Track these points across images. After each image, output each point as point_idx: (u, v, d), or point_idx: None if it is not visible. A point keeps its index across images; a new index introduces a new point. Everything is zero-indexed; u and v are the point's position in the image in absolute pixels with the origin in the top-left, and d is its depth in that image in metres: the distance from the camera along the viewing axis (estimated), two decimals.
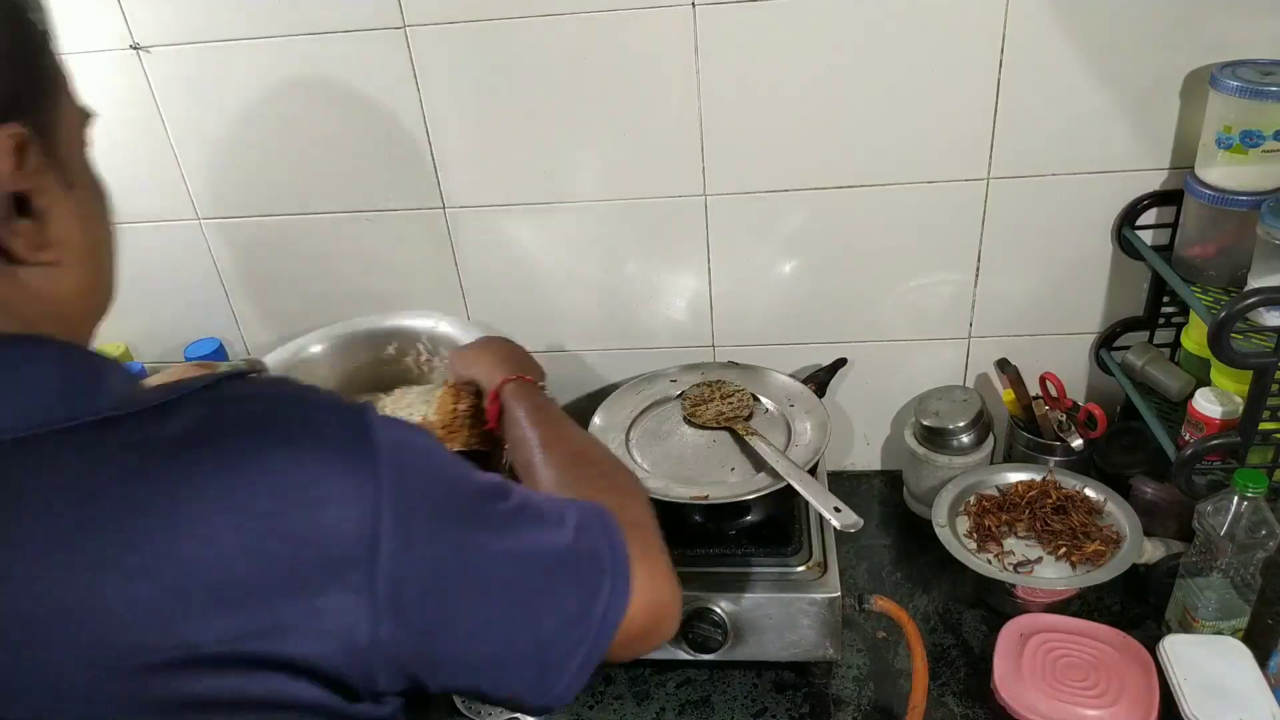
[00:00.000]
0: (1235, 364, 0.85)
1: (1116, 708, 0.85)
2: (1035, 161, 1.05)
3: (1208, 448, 0.90)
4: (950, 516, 1.07)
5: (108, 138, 0.61)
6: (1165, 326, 1.12)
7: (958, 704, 0.95)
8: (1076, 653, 0.91)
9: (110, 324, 0.56)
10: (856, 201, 1.10)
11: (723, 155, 1.09)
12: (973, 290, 1.15)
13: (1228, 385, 0.93)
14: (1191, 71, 0.97)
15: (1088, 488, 1.08)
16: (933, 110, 1.03)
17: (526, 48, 1.04)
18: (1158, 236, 1.06)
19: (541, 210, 1.15)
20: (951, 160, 1.06)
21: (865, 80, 1.02)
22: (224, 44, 1.07)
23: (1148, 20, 0.95)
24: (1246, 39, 0.95)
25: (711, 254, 1.16)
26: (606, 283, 1.20)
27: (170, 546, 0.41)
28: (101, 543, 0.40)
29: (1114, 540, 1.02)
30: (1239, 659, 0.87)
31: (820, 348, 1.22)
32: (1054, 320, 1.16)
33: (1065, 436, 1.12)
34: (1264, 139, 0.89)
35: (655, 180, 1.11)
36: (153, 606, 0.41)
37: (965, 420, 1.14)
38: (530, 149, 1.11)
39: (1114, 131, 1.02)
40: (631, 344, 1.25)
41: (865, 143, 1.06)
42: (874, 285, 1.16)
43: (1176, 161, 1.03)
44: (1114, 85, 0.99)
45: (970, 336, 1.19)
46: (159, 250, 1.22)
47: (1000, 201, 1.08)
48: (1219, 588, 0.92)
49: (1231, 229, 0.94)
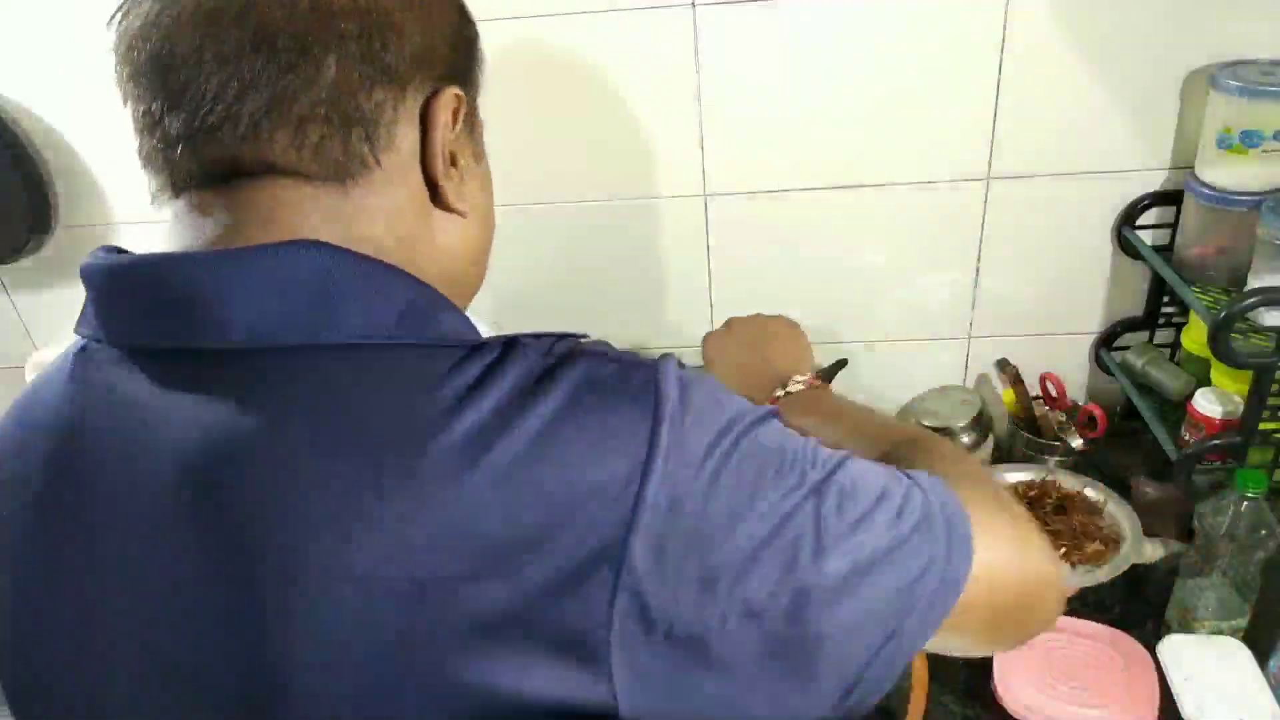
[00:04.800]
0: (1235, 364, 0.85)
1: (1116, 708, 0.85)
2: (1035, 161, 1.05)
3: (1208, 448, 0.90)
4: None
5: None
6: (1165, 326, 1.12)
7: (958, 704, 0.95)
8: (1076, 653, 0.91)
9: None
10: (857, 201, 1.10)
11: (723, 155, 1.09)
12: (973, 290, 1.15)
13: (1228, 385, 0.93)
14: (1191, 71, 0.97)
15: (1088, 488, 1.08)
16: (933, 110, 1.03)
17: (526, 48, 1.04)
18: (1158, 236, 1.06)
19: (542, 210, 1.15)
20: (951, 160, 1.06)
21: (865, 80, 1.02)
22: None
23: (1148, 20, 0.95)
24: (1246, 39, 0.95)
25: (711, 254, 1.16)
26: (605, 283, 1.20)
27: (466, 494, 0.40)
28: (414, 468, 0.40)
29: (1114, 540, 1.02)
30: (1239, 659, 0.87)
31: (820, 348, 1.21)
32: (1054, 320, 1.16)
33: (1065, 436, 1.12)
34: (1264, 139, 0.89)
35: (655, 180, 1.11)
36: (443, 552, 0.40)
37: (965, 420, 1.13)
38: (529, 149, 1.10)
39: (1114, 132, 1.02)
40: (631, 344, 1.25)
41: (865, 143, 1.06)
42: (874, 285, 1.16)
43: (1176, 161, 1.03)
44: (1114, 85, 0.99)
45: (970, 336, 1.19)
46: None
47: (1000, 201, 1.08)
48: (1219, 588, 0.91)
49: (1231, 229, 0.94)
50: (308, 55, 0.45)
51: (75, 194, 1.21)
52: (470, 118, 0.53)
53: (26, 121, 1.16)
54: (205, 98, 0.45)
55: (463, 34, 0.53)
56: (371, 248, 0.47)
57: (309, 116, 0.45)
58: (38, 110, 1.15)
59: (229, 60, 0.44)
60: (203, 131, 0.45)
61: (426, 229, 0.51)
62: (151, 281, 0.46)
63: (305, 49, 0.45)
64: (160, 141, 0.47)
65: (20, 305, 1.32)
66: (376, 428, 0.42)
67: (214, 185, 0.47)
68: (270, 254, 0.44)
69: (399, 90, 0.48)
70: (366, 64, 0.46)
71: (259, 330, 0.43)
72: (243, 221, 0.46)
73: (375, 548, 0.40)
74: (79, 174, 1.19)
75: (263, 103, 0.45)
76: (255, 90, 0.44)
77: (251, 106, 0.45)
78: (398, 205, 0.49)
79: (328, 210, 0.47)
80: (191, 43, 0.45)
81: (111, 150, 1.18)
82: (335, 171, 0.47)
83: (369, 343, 0.44)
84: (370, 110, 0.47)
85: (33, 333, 1.34)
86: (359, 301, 0.44)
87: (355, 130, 0.46)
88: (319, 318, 0.43)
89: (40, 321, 1.33)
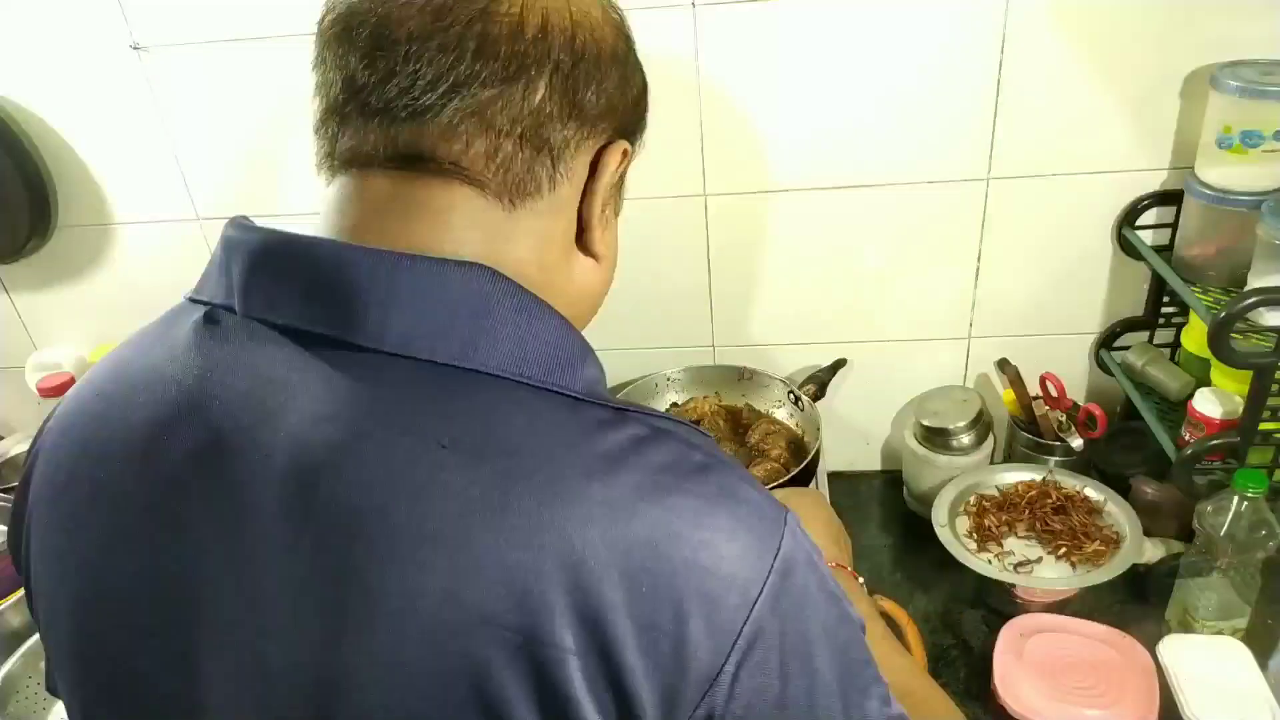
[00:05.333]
0: (1235, 364, 0.85)
1: (1116, 708, 0.85)
2: (1035, 161, 1.05)
3: (1208, 448, 0.90)
4: (950, 517, 1.07)
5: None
6: (1165, 326, 1.12)
7: (958, 704, 0.95)
8: (1076, 653, 0.91)
9: (109, 324, 0.57)
10: (856, 201, 1.10)
11: (723, 155, 1.09)
12: (973, 290, 1.15)
13: (1228, 385, 0.93)
14: (1191, 71, 0.97)
15: (1088, 488, 1.08)
16: (933, 110, 1.03)
17: None
18: (1158, 236, 1.06)
19: None
20: (951, 160, 1.06)
21: (865, 80, 1.02)
22: (224, 44, 1.07)
23: (1148, 20, 0.95)
24: (1246, 39, 0.94)
25: (711, 254, 1.16)
26: None
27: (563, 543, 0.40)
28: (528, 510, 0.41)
29: (1114, 540, 1.02)
30: (1239, 659, 0.87)
31: (820, 348, 1.22)
32: (1054, 320, 1.16)
33: (1065, 436, 1.12)
34: (1264, 139, 0.89)
35: (655, 180, 1.11)
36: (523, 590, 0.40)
37: (965, 420, 1.13)
38: None
39: (1114, 131, 1.02)
40: (631, 344, 1.25)
41: (865, 143, 1.06)
42: (874, 285, 1.16)
43: (1176, 161, 1.03)
44: (1114, 85, 0.99)
45: (970, 336, 1.19)
46: (159, 250, 1.23)
47: (1000, 201, 1.08)
48: (1219, 588, 0.91)
49: (1231, 229, 0.94)
50: (524, 74, 0.47)
51: (75, 194, 1.21)
52: (622, 178, 0.56)
53: (26, 121, 1.16)
54: (419, 81, 0.46)
55: (643, 101, 0.57)
56: (516, 271, 0.48)
57: (508, 131, 0.47)
58: (38, 110, 1.16)
59: (451, 54, 0.45)
60: (405, 111, 0.46)
61: (566, 265, 0.54)
62: (312, 264, 0.46)
63: (523, 68, 0.47)
64: (355, 109, 0.47)
65: (20, 305, 1.32)
66: (513, 463, 0.42)
67: (396, 168, 0.48)
68: (439, 271, 0.45)
69: (587, 130, 0.51)
70: (568, 98, 0.49)
71: (413, 341, 0.44)
72: (413, 217, 0.47)
73: (468, 579, 0.40)
74: (79, 174, 1.19)
75: (471, 105, 0.46)
76: (467, 90, 0.46)
77: (459, 104, 0.46)
78: (550, 236, 0.51)
79: (492, 225, 0.48)
80: (420, 27, 0.46)
81: (111, 150, 1.18)
82: (512, 189, 0.48)
83: (518, 380, 0.45)
84: (559, 141, 0.49)
85: (33, 333, 1.34)
86: (513, 335, 0.45)
87: (543, 156, 0.49)
88: (472, 343, 0.44)
89: (40, 321, 1.33)
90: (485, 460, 0.42)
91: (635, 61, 0.55)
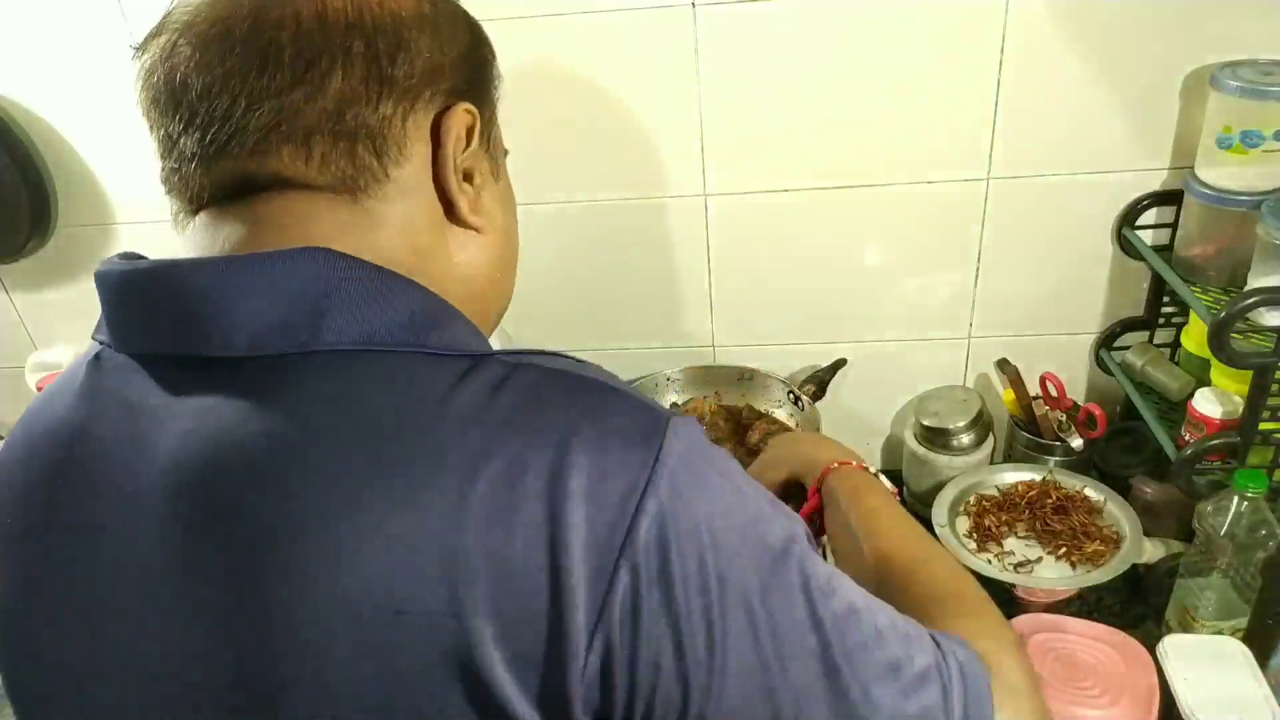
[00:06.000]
0: (1235, 364, 0.85)
1: (1116, 708, 0.85)
2: (1035, 161, 1.05)
3: (1208, 448, 0.90)
4: (950, 516, 1.07)
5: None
6: (1165, 326, 1.12)
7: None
8: (1076, 653, 0.91)
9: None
10: (856, 201, 1.09)
11: (723, 155, 1.09)
12: (973, 290, 1.15)
13: (1228, 385, 0.93)
14: (1191, 71, 0.97)
15: (1088, 488, 1.08)
16: (933, 110, 1.03)
17: (525, 48, 1.04)
18: (1158, 236, 1.06)
19: (542, 211, 1.15)
20: (951, 160, 1.06)
21: (865, 80, 1.02)
22: None
23: (1148, 20, 0.95)
24: (1246, 39, 0.94)
25: (711, 254, 1.16)
26: (606, 282, 1.20)
27: (460, 501, 0.40)
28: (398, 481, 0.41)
29: (1114, 540, 1.02)
30: (1239, 659, 0.87)
31: (820, 348, 1.22)
32: (1054, 320, 1.16)
33: (1065, 436, 1.12)
34: (1264, 139, 0.89)
35: (655, 180, 1.11)
36: (431, 562, 0.40)
37: (965, 420, 1.13)
38: (528, 149, 1.10)
39: (1114, 132, 1.02)
40: (631, 344, 1.25)
41: (865, 143, 1.06)
42: (874, 285, 1.16)
43: (1176, 161, 1.03)
44: (1114, 85, 0.99)
45: (970, 336, 1.19)
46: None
47: (1000, 201, 1.08)
48: (1219, 588, 0.91)
49: (1231, 229, 0.94)
50: (313, 69, 0.46)
51: (75, 194, 1.21)
52: (487, 136, 0.54)
53: (26, 121, 1.16)
54: (215, 116, 0.46)
55: (476, 53, 0.54)
56: (385, 259, 0.47)
57: (315, 129, 0.46)
58: (38, 110, 1.15)
59: (236, 78, 0.45)
60: (214, 149, 0.46)
61: (443, 244, 0.52)
62: (161, 288, 0.46)
63: (311, 63, 0.46)
64: (177, 162, 0.48)
65: (20, 305, 1.32)
66: (380, 435, 0.42)
67: (228, 201, 0.48)
68: (275, 260, 0.44)
69: (408, 104, 0.49)
70: (374, 78, 0.47)
71: (261, 339, 0.44)
72: (256, 233, 0.47)
73: (369, 564, 0.40)
74: (79, 174, 1.19)
75: (269, 117, 0.46)
76: (262, 105, 0.46)
77: (259, 121, 0.46)
78: (410, 218, 0.50)
79: (339, 221, 0.48)
80: (203, 66, 0.46)
81: (111, 150, 1.18)
82: (344, 183, 0.48)
83: (369, 349, 0.44)
84: (377, 123, 0.47)
85: (33, 333, 1.34)
86: (359, 308, 0.45)
87: (362, 143, 0.47)
88: (317, 325, 0.44)
89: (40, 321, 1.33)
90: (345, 442, 0.42)
91: (453, 17, 0.53)
